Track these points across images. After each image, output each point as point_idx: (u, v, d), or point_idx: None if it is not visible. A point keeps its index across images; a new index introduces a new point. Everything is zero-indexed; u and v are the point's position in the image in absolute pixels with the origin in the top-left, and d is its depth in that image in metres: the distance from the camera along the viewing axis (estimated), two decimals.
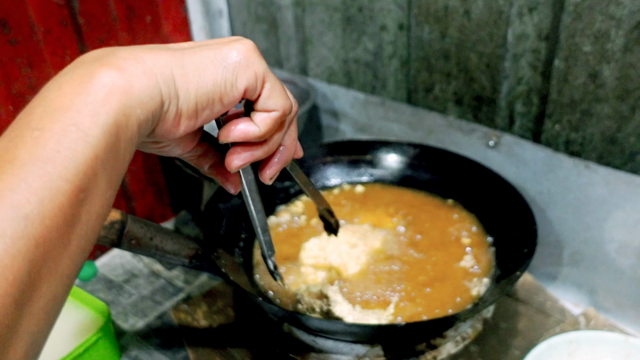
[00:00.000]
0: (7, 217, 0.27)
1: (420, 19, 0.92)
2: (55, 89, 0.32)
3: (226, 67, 0.38)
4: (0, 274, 0.26)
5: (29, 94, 0.93)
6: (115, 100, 0.32)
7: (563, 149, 0.85)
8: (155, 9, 1.10)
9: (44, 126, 0.30)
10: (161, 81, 0.35)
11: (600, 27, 0.74)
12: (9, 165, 0.28)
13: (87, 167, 0.30)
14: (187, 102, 0.37)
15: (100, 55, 0.34)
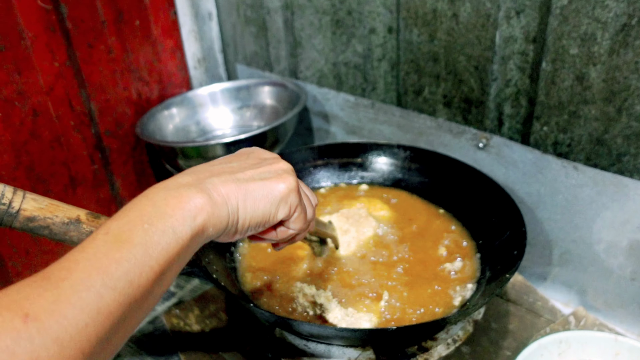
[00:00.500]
0: (119, 278, 0.38)
1: (409, 22, 0.93)
2: (162, 199, 0.45)
3: (272, 203, 0.51)
4: (106, 316, 0.37)
5: (18, 100, 0.92)
6: (201, 218, 0.45)
7: (551, 151, 0.86)
8: (144, 12, 1.10)
9: (152, 223, 0.42)
10: (230, 210, 0.48)
11: (586, 30, 0.74)
12: (127, 243, 0.40)
13: (172, 257, 0.42)
14: (242, 225, 0.50)
15: (194, 182, 0.48)
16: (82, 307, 0.35)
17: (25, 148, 0.96)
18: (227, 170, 0.51)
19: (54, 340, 0.33)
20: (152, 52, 1.13)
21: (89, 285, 0.36)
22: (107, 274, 0.38)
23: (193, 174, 0.49)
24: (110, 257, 0.39)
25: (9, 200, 0.54)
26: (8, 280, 1.00)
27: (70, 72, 0.99)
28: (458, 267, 0.80)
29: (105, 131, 1.08)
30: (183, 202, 0.45)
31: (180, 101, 1.15)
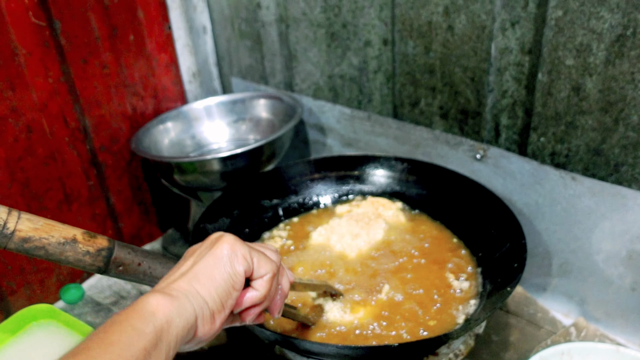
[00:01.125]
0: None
1: (404, 34, 0.93)
2: (128, 308, 0.49)
3: (223, 264, 0.54)
4: None
5: (11, 117, 0.91)
6: (161, 313, 0.48)
7: (549, 161, 0.86)
8: (138, 27, 1.09)
9: (116, 325, 0.47)
10: (191, 297, 0.51)
11: (582, 41, 0.75)
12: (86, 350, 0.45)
13: (138, 353, 0.45)
14: (213, 301, 0.52)
15: (155, 291, 0.51)
16: None
17: (20, 165, 0.95)
18: (175, 272, 0.55)
19: None
20: (147, 66, 1.13)
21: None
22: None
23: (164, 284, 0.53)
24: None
25: (4, 221, 0.53)
26: (2, 298, 0.99)
27: (65, 88, 0.98)
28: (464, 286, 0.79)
29: (100, 147, 1.07)
30: (140, 305, 0.49)
31: (175, 115, 1.15)
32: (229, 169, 0.97)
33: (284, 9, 1.07)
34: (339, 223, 0.89)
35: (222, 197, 0.90)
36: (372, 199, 0.95)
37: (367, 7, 0.95)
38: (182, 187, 1.05)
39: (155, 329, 0.47)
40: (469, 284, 0.80)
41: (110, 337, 0.45)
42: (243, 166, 0.98)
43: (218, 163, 0.96)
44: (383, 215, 0.92)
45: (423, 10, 0.88)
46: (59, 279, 1.07)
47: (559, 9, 0.74)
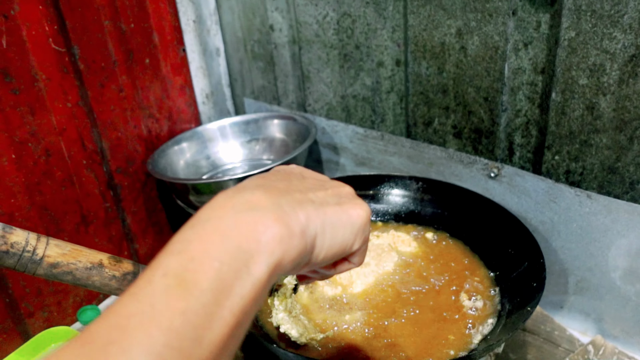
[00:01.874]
0: (184, 335, 0.30)
1: (417, 55, 0.94)
2: (232, 226, 0.35)
3: (352, 231, 0.44)
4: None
5: (31, 141, 0.93)
6: (278, 253, 0.36)
7: (564, 179, 0.86)
8: (154, 51, 1.11)
9: (223, 261, 0.33)
10: (308, 241, 0.40)
11: (595, 61, 0.75)
12: (193, 289, 0.31)
13: (248, 305, 0.34)
14: (317, 257, 0.42)
15: (267, 202, 0.38)
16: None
17: (39, 188, 0.96)
18: (298, 189, 0.42)
19: None
20: (162, 89, 1.14)
21: (147, 348, 0.28)
22: (170, 330, 0.29)
23: (262, 189, 0.39)
24: (172, 308, 0.30)
25: (33, 247, 0.54)
26: (20, 321, 0.99)
27: (83, 112, 1.00)
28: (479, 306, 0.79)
29: (116, 169, 1.08)
30: (259, 233, 0.36)
31: (190, 136, 1.16)
32: None
33: (296, 31, 1.08)
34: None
35: None
36: (394, 232, 0.95)
37: (380, 29, 0.96)
38: (197, 208, 1.06)
39: (268, 274, 0.35)
40: (485, 303, 0.80)
41: (224, 281, 0.33)
42: None
43: (234, 184, 0.97)
44: (399, 249, 0.92)
45: (436, 31, 0.90)
46: (76, 300, 1.08)
47: (571, 30, 0.75)
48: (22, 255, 0.53)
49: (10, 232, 0.54)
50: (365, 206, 0.45)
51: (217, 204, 0.37)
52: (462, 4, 0.85)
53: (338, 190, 0.46)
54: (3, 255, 0.53)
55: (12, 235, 0.54)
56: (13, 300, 0.97)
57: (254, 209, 0.37)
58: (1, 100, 0.88)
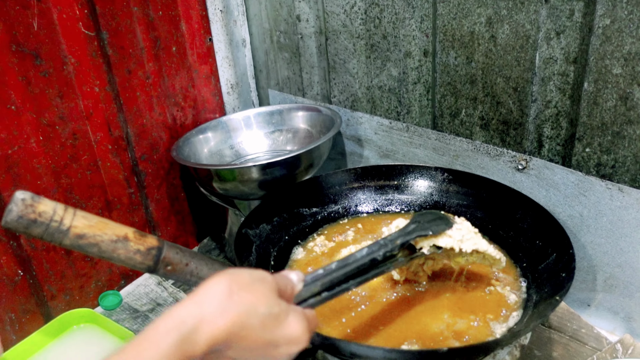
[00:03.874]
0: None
1: (446, 45, 0.93)
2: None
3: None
4: None
5: (59, 124, 0.94)
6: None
7: (594, 172, 0.84)
8: (181, 39, 1.12)
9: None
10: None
11: (630, 49, 0.74)
12: None
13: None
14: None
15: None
16: None
17: (65, 172, 0.97)
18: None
19: None
20: (188, 78, 1.15)
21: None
22: None
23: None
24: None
25: (61, 218, 0.54)
26: (43, 303, 1.00)
27: (110, 97, 1.00)
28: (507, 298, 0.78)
29: (141, 155, 1.09)
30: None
31: (215, 126, 1.17)
32: (268, 177, 0.97)
33: (323, 22, 1.08)
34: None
35: (262, 205, 0.90)
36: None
37: (408, 18, 0.95)
38: (220, 195, 1.06)
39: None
40: (512, 295, 0.79)
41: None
42: (281, 175, 0.98)
43: (257, 171, 0.96)
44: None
45: (465, 20, 0.89)
46: (97, 285, 1.08)
47: (606, 18, 0.74)
48: (50, 224, 0.53)
49: (38, 202, 0.54)
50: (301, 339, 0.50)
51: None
52: None
53: (277, 328, 0.49)
54: (31, 223, 0.53)
55: (40, 205, 0.54)
56: (37, 282, 0.98)
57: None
58: (31, 82, 0.89)
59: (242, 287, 0.48)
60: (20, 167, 0.90)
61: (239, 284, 0.48)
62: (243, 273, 0.50)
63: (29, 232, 0.53)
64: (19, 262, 0.94)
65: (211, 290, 0.47)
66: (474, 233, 0.74)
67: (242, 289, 0.48)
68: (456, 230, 0.72)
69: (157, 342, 0.42)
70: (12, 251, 0.92)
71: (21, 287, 0.96)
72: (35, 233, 0.54)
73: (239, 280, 0.48)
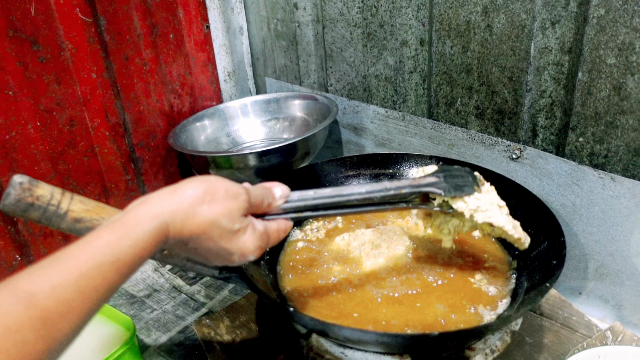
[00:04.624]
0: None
1: (442, 34, 0.93)
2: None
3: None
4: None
5: (57, 110, 0.94)
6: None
7: (587, 162, 0.85)
8: (178, 26, 1.12)
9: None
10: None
11: (624, 40, 0.74)
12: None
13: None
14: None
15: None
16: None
17: (62, 157, 0.97)
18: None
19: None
20: (185, 65, 1.15)
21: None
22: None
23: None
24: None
25: (58, 202, 0.55)
26: None
27: (107, 84, 1.01)
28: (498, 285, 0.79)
29: (138, 142, 1.09)
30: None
31: (212, 113, 1.17)
32: (264, 165, 0.98)
33: (320, 10, 1.08)
34: (363, 232, 0.90)
35: None
36: (409, 218, 0.93)
37: (405, 7, 0.96)
38: None
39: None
40: (503, 282, 0.80)
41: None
42: (277, 163, 0.99)
43: (254, 158, 0.97)
44: (412, 234, 0.91)
45: (462, 9, 0.89)
46: None
47: (601, 7, 0.74)
48: (47, 208, 0.54)
49: (36, 185, 0.54)
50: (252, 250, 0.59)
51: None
52: None
53: (234, 238, 0.58)
54: (29, 207, 0.53)
55: (38, 189, 0.54)
56: None
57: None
58: (28, 68, 0.89)
59: (213, 199, 0.55)
60: (18, 153, 0.91)
61: (212, 195, 0.55)
62: (220, 187, 0.57)
63: (27, 215, 0.54)
64: (16, 247, 0.95)
65: (187, 192, 0.54)
66: (497, 206, 0.71)
67: (213, 201, 0.55)
68: (474, 198, 0.70)
69: (142, 225, 0.50)
70: (9, 236, 0.93)
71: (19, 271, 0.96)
72: (32, 217, 0.54)
73: (213, 191, 0.55)
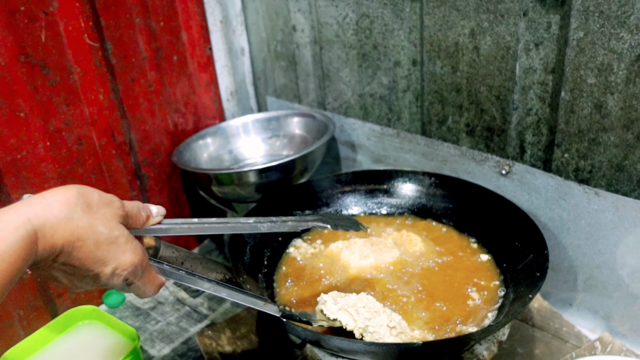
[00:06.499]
0: None
1: (433, 55, 0.97)
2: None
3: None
4: None
5: (65, 130, 0.99)
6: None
7: (573, 177, 0.88)
8: (182, 49, 1.17)
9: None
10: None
11: (603, 61, 0.78)
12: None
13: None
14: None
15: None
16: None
17: (70, 175, 1.02)
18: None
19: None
20: (188, 85, 1.20)
21: None
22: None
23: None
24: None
25: None
26: (50, 301, 1.05)
27: (113, 105, 1.05)
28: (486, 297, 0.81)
29: (143, 160, 1.14)
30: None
31: (214, 131, 1.21)
32: (264, 181, 1.02)
33: (318, 32, 1.13)
34: (356, 242, 0.93)
35: (257, 207, 0.95)
36: (404, 232, 0.96)
37: (397, 29, 1.00)
38: (219, 198, 1.11)
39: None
40: (491, 294, 0.83)
41: None
42: (277, 179, 1.03)
43: (254, 175, 1.01)
44: (405, 248, 0.94)
45: (450, 32, 0.93)
46: None
47: (580, 31, 0.78)
48: None
49: None
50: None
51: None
52: (475, 5, 0.88)
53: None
54: None
55: None
56: (44, 281, 1.03)
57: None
58: (38, 91, 0.94)
59: (88, 204, 0.52)
60: (29, 171, 0.96)
61: (86, 199, 0.52)
62: (93, 192, 0.54)
63: None
64: None
65: (59, 197, 0.51)
66: (387, 327, 0.72)
67: (88, 206, 0.52)
68: (364, 318, 0.71)
69: (6, 236, 0.45)
70: None
71: (29, 285, 1.01)
72: None
73: (87, 196, 0.53)
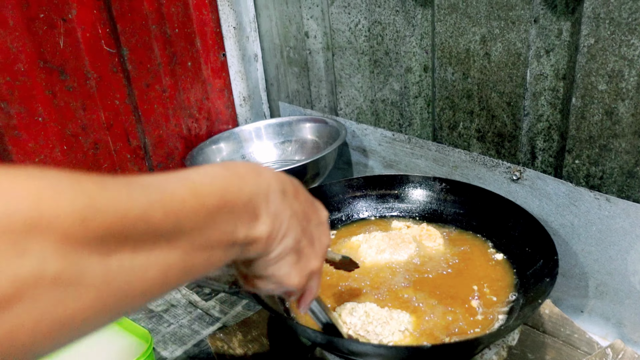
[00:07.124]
0: None
1: (444, 61, 0.98)
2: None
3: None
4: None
5: (82, 134, 1.01)
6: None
7: (584, 183, 0.88)
8: (196, 55, 1.18)
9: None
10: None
11: (613, 67, 0.78)
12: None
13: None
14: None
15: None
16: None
17: None
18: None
19: None
20: (202, 91, 1.21)
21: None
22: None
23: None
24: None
25: None
26: None
27: (129, 110, 1.07)
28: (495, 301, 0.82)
29: (157, 164, 1.15)
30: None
31: (227, 136, 1.23)
32: None
33: (330, 38, 1.14)
34: (375, 235, 0.95)
35: None
36: (425, 226, 0.98)
37: (409, 36, 1.01)
38: None
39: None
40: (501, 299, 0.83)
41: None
42: None
43: None
44: (423, 243, 0.96)
45: (461, 38, 0.94)
46: None
47: (591, 37, 0.78)
48: None
49: None
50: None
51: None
52: (487, 12, 0.88)
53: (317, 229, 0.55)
54: None
55: None
56: None
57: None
58: (56, 96, 0.96)
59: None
60: None
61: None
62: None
63: None
64: None
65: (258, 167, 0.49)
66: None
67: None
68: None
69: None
70: None
71: None
72: None
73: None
